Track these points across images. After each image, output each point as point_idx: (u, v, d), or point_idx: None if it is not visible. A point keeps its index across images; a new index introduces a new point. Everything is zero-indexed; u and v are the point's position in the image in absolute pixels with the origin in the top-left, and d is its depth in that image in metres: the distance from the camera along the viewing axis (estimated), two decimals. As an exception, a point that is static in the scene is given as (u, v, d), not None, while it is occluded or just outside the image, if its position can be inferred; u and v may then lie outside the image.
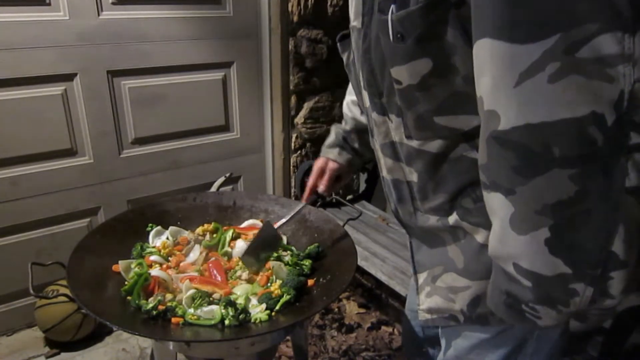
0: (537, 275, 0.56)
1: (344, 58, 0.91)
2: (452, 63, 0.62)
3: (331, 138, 1.15)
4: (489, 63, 0.52)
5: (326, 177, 1.12)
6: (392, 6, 0.62)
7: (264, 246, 1.09)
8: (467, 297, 0.77)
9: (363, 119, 1.07)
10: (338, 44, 0.90)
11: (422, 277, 0.85)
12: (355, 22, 0.74)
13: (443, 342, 0.90)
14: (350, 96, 1.13)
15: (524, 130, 0.51)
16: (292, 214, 1.15)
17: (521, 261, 0.57)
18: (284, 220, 1.15)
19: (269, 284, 1.04)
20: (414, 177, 0.76)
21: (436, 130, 0.69)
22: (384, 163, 0.81)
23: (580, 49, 0.48)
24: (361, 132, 1.09)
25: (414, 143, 0.72)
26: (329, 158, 1.13)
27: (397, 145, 0.76)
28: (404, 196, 0.80)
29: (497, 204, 0.57)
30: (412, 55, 0.63)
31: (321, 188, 1.12)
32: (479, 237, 0.72)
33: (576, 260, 0.54)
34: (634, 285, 0.56)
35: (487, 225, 0.68)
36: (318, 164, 1.14)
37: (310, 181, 1.14)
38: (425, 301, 0.85)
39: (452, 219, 0.74)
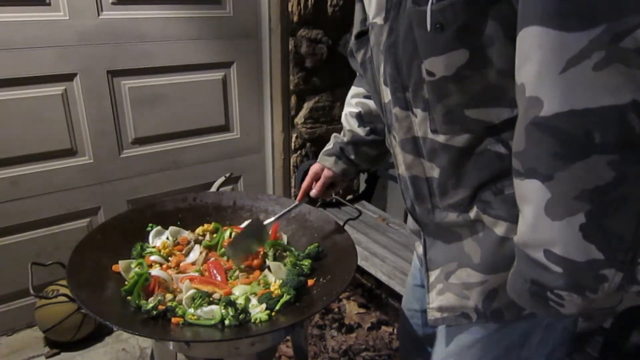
0: (570, 262, 0.57)
1: (359, 56, 0.91)
2: (489, 55, 0.63)
3: (329, 146, 1.17)
4: (536, 50, 0.54)
5: (320, 182, 1.14)
6: None
7: (248, 236, 1.10)
8: (482, 292, 0.77)
9: (360, 131, 1.09)
10: (353, 42, 0.90)
11: (433, 275, 0.84)
12: (376, 18, 0.75)
13: (442, 337, 0.90)
14: (348, 108, 1.15)
15: (567, 116, 0.53)
16: (283, 211, 1.16)
17: (555, 247, 0.58)
18: (273, 218, 1.16)
19: (264, 278, 1.04)
20: (434, 173, 0.77)
21: (466, 124, 0.70)
22: (403, 159, 0.81)
23: (624, 39, 0.50)
24: (358, 144, 1.11)
25: (440, 138, 0.73)
26: (325, 165, 1.15)
27: (420, 140, 0.76)
28: (422, 193, 0.80)
29: (532, 190, 0.58)
30: (450, 46, 0.64)
31: (313, 192, 1.15)
32: (499, 229, 0.73)
33: (609, 245, 0.56)
34: None
35: (508, 217, 0.70)
36: (314, 168, 1.17)
37: (304, 183, 1.16)
38: (436, 299, 0.84)
39: (473, 213, 0.75)
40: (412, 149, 0.79)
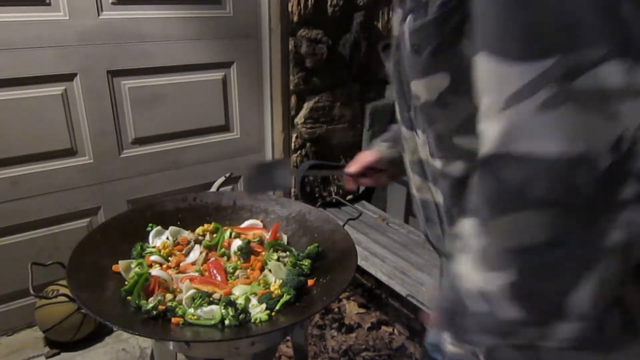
0: (492, 315, 0.51)
1: (387, 68, 0.87)
2: (472, 80, 0.54)
3: (386, 135, 1.07)
4: (484, 80, 0.47)
5: (360, 161, 1.02)
6: (410, 16, 0.58)
7: (268, 170, 1.05)
8: None
9: None
10: (381, 54, 0.84)
11: None
12: (395, 30, 0.70)
13: None
14: None
15: (504, 160, 0.45)
16: (332, 168, 1.10)
17: (482, 294, 0.51)
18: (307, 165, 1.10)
19: (264, 278, 1.04)
20: (440, 198, 0.70)
21: (456, 151, 0.63)
22: (413, 181, 0.76)
23: (581, 76, 0.41)
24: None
25: (437, 163, 0.67)
26: (376, 149, 1.04)
27: (424, 163, 0.71)
28: (432, 217, 0.74)
29: (469, 230, 0.51)
30: (429, 70, 0.59)
31: (352, 168, 1.02)
32: None
33: (532, 309, 0.49)
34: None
35: None
36: (365, 152, 1.05)
37: (359, 156, 1.04)
38: None
39: None
40: (419, 171, 0.73)
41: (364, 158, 1.01)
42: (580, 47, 0.40)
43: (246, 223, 1.27)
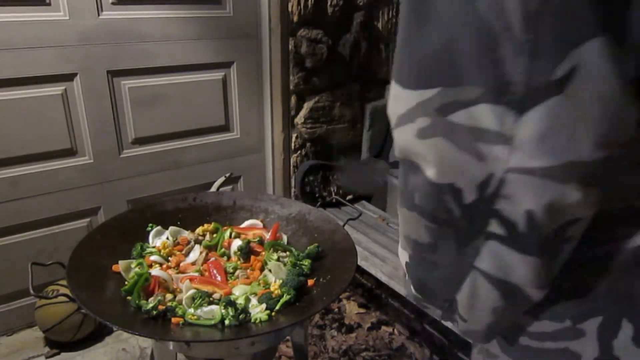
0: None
1: None
2: None
3: None
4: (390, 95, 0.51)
5: None
6: None
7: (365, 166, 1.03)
8: None
9: None
10: None
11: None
12: None
13: None
14: None
15: (404, 166, 0.48)
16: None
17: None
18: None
19: (264, 278, 1.04)
20: None
21: None
22: None
23: (456, 111, 0.40)
24: None
25: None
26: None
27: None
28: None
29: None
30: None
31: None
32: None
33: (425, 292, 0.55)
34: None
35: None
36: None
37: None
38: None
39: None
40: None
41: None
42: (458, 84, 0.40)
43: (246, 223, 1.27)
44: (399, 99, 0.45)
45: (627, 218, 0.46)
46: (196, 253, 1.15)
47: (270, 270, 1.08)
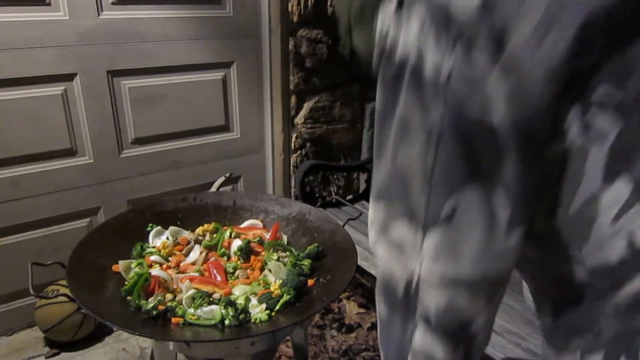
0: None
1: None
2: None
3: None
4: None
5: None
6: None
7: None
8: None
9: None
10: None
11: None
12: None
13: None
14: None
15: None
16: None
17: None
18: None
19: (264, 278, 1.04)
20: None
21: None
22: None
23: (391, 223, 0.54)
24: None
25: None
26: None
27: None
28: None
29: None
30: None
31: None
32: None
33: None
34: None
35: None
36: None
37: None
38: None
39: None
40: None
41: None
42: (392, 204, 0.54)
43: (246, 223, 1.27)
44: (371, 210, 0.58)
45: (623, 270, 0.52)
46: (196, 253, 1.15)
47: (270, 270, 1.08)
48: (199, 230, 1.22)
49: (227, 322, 0.91)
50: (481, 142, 0.47)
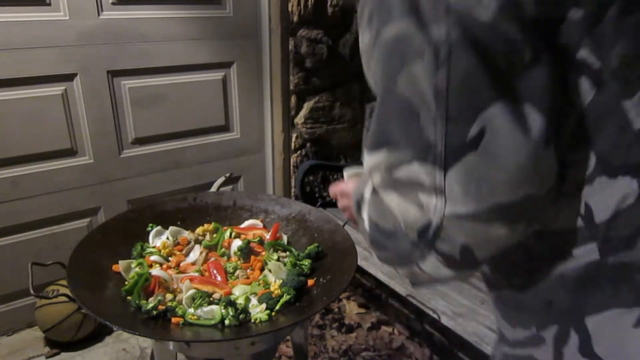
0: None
1: None
2: None
3: None
4: None
5: None
6: None
7: None
8: None
9: None
10: None
11: None
12: None
13: None
14: None
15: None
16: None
17: None
18: None
19: (264, 278, 1.04)
20: None
21: None
22: None
23: (398, 168, 0.50)
24: None
25: None
26: None
27: None
28: None
29: None
30: None
31: None
32: None
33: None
34: None
35: None
36: None
37: None
38: None
39: None
40: None
41: None
42: (396, 147, 0.49)
43: (246, 223, 1.27)
44: (365, 160, 0.55)
45: (572, 239, 0.52)
46: (196, 253, 1.15)
47: (270, 270, 1.08)
48: (199, 230, 1.22)
49: (227, 322, 0.91)
50: (500, 49, 0.43)
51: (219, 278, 1.05)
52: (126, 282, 1.02)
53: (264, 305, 0.95)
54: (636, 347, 0.49)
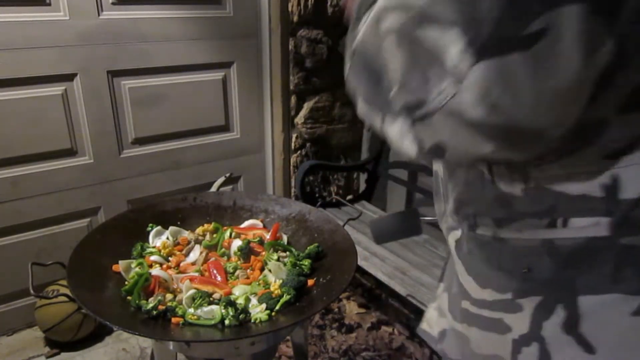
0: None
1: None
2: None
3: None
4: None
5: None
6: None
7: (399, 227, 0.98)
8: None
9: None
10: None
11: None
12: None
13: None
14: None
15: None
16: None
17: None
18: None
19: (264, 278, 1.04)
20: (441, 171, 0.69)
21: None
22: None
23: (431, 25, 0.40)
24: None
25: None
26: None
27: None
28: (438, 191, 0.71)
29: None
30: None
31: None
32: None
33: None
34: None
35: None
36: None
37: None
38: None
39: None
40: None
41: None
42: (443, 2, 0.40)
43: (246, 223, 1.27)
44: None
45: (580, 206, 0.47)
46: (196, 253, 1.15)
47: (270, 270, 1.08)
48: (199, 230, 1.22)
49: (227, 322, 0.91)
50: None
51: (219, 278, 1.05)
52: (126, 282, 1.02)
53: (264, 305, 0.95)
54: (632, 335, 0.47)
